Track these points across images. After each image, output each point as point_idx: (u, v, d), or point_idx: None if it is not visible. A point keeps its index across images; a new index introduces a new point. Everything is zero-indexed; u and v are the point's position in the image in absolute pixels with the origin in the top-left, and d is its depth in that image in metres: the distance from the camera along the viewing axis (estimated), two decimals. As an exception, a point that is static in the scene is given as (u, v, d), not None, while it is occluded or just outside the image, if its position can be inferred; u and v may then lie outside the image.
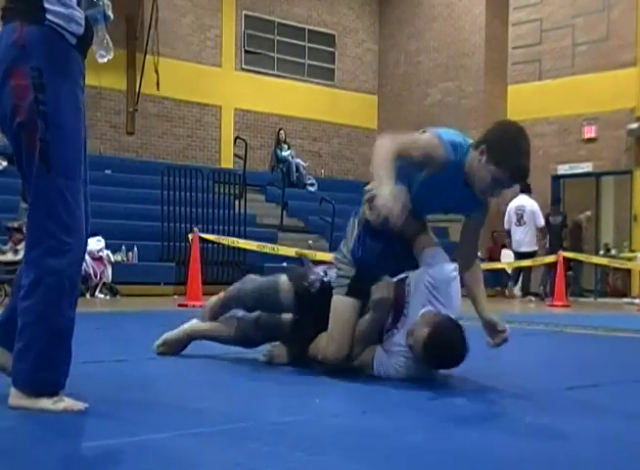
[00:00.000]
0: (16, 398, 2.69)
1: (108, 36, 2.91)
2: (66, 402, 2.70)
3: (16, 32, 2.64)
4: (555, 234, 15.49)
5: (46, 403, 2.67)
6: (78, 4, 2.73)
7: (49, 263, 2.64)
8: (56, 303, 2.66)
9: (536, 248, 14.43)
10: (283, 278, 3.91)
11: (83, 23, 2.73)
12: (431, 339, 3.33)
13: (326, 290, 3.74)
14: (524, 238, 14.25)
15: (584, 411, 3.09)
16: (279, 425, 2.62)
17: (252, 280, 4.09)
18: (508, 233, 14.65)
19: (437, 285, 3.52)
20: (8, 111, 2.66)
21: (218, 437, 2.45)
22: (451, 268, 3.57)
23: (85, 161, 2.83)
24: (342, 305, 3.63)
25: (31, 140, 2.64)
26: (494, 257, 17.53)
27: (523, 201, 14.25)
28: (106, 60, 2.93)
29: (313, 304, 3.77)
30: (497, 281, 18.22)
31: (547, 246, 15.41)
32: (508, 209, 14.43)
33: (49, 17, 2.64)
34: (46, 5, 2.64)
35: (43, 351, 2.66)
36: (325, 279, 3.81)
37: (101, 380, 3.50)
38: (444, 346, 3.36)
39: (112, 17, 2.89)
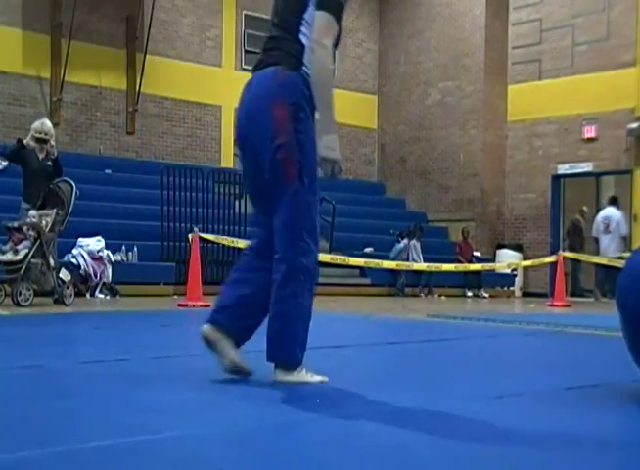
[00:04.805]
0: (280, 374, 3.39)
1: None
2: (318, 376, 3.39)
3: (278, 74, 3.38)
4: None
5: (306, 377, 3.39)
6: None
7: (301, 262, 3.35)
8: (303, 294, 3.36)
9: (620, 253, 15.49)
10: None
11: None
12: None
13: None
14: (609, 245, 15.84)
15: (583, 412, 3.09)
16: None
17: None
18: (596, 240, 16.18)
19: None
20: (270, 133, 3.35)
21: (218, 437, 2.45)
22: None
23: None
24: None
25: (289, 160, 3.35)
26: (465, 255, 17.38)
27: (609, 212, 16.13)
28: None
29: None
30: (499, 281, 18.25)
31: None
32: (596, 218, 16.16)
33: (304, 68, 3.40)
34: (304, 60, 3.40)
35: (296, 332, 3.36)
36: None
37: (101, 380, 3.50)
38: None
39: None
